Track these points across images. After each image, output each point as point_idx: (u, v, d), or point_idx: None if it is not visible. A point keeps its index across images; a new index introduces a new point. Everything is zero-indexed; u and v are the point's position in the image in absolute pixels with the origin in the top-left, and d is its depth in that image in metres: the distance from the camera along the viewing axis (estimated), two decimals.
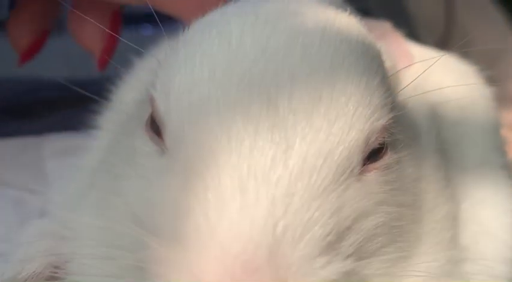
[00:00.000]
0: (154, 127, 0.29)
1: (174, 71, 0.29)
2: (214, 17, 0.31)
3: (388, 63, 0.34)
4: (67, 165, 0.41)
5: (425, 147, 0.35)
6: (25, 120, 0.50)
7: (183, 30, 0.40)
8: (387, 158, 0.29)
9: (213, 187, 0.25)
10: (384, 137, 0.29)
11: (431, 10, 0.95)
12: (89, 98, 0.41)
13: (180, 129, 0.27)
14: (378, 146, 0.29)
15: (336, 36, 0.29)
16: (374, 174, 0.29)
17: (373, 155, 0.29)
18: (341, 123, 0.27)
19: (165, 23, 0.46)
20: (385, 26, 0.39)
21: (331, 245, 0.26)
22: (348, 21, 0.32)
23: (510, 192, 0.38)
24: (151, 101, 0.29)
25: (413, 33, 0.85)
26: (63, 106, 0.43)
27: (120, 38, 0.45)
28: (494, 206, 0.37)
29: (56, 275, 0.32)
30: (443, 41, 0.92)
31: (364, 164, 0.28)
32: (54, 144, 0.44)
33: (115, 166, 0.32)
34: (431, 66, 0.34)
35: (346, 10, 0.38)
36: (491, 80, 0.42)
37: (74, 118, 0.41)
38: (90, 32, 0.43)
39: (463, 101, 0.39)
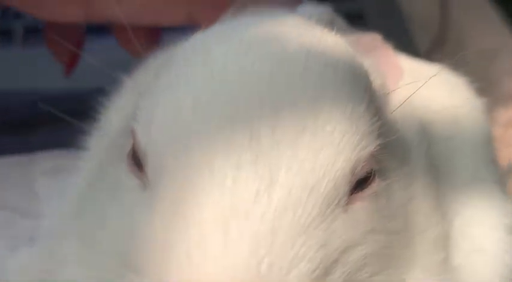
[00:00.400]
0: (137, 160, 0.28)
1: (155, 102, 0.28)
2: (198, 42, 0.30)
3: (376, 81, 0.34)
4: (58, 184, 0.41)
5: (415, 164, 0.34)
6: (16, 136, 0.50)
7: (165, 53, 0.40)
8: (375, 186, 0.29)
9: (195, 224, 0.24)
10: (371, 165, 0.28)
11: (426, 10, 0.94)
12: (84, 112, 0.41)
13: (162, 163, 0.26)
14: (365, 174, 0.28)
15: (320, 62, 0.29)
16: (361, 203, 0.28)
17: (360, 184, 0.28)
18: (326, 153, 0.26)
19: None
20: (375, 39, 0.39)
21: (319, 279, 0.25)
22: (333, 43, 0.31)
23: (503, 207, 0.38)
24: (133, 133, 0.29)
25: (408, 34, 0.85)
26: (56, 121, 0.42)
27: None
28: (486, 222, 0.37)
29: None
30: (439, 41, 0.91)
31: (351, 194, 0.27)
32: (45, 162, 0.44)
33: (99, 197, 0.31)
34: (424, 83, 0.33)
35: (333, 28, 0.38)
36: (483, 90, 0.41)
37: (67, 134, 0.41)
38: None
39: (454, 115, 0.38)
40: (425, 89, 0.36)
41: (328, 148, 0.26)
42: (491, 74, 0.93)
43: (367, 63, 0.34)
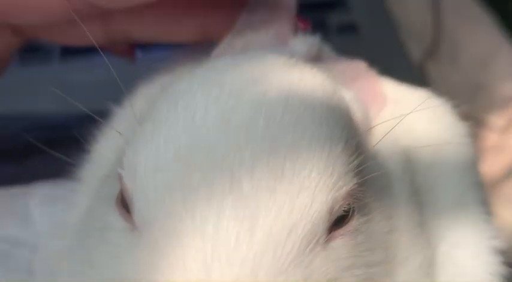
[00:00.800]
0: (124, 203, 0.30)
1: (139, 150, 0.29)
2: (181, 87, 0.31)
3: (358, 116, 0.35)
4: (54, 214, 0.41)
5: (397, 196, 0.35)
6: (12, 164, 0.51)
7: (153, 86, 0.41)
8: (354, 223, 0.30)
9: (179, 270, 0.25)
10: (349, 203, 0.29)
11: (418, 19, 0.95)
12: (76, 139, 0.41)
13: (147, 209, 0.28)
14: (344, 212, 0.29)
15: (298, 104, 0.30)
16: (341, 239, 0.29)
17: (339, 221, 0.29)
18: (303, 197, 0.27)
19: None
20: (359, 67, 0.40)
21: None
22: (313, 83, 0.32)
23: (488, 230, 0.38)
24: (120, 178, 0.30)
25: (401, 44, 0.85)
26: (53, 147, 0.43)
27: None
28: (471, 245, 0.37)
29: None
30: (431, 49, 0.92)
31: (330, 232, 0.29)
32: (41, 192, 0.44)
33: (89, 238, 0.32)
34: (404, 116, 0.34)
35: (318, 60, 0.39)
36: (467, 114, 0.42)
37: (60, 163, 0.41)
38: None
39: (436, 141, 0.39)
40: (408, 117, 0.37)
41: (305, 192, 0.27)
42: (486, 80, 0.94)
43: (349, 96, 0.35)
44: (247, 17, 0.41)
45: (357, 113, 0.35)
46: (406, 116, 0.39)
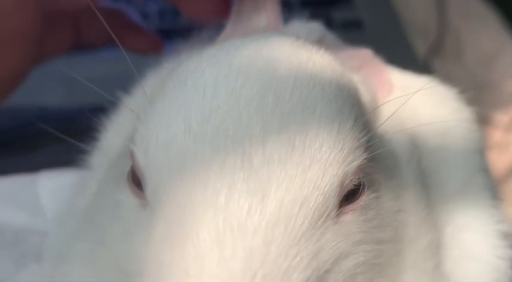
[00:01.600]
0: (136, 180, 0.30)
1: (151, 126, 0.29)
2: (190, 66, 0.32)
3: (366, 97, 0.35)
4: (63, 201, 0.42)
5: (405, 177, 0.35)
6: (20, 154, 0.51)
7: (162, 71, 0.41)
8: (364, 198, 0.30)
9: (192, 242, 0.26)
10: (359, 178, 0.30)
11: (423, 16, 0.95)
12: (84, 130, 0.42)
13: (159, 184, 0.28)
14: (354, 187, 0.29)
15: (308, 82, 0.30)
16: (351, 215, 0.29)
17: (350, 196, 0.29)
18: (315, 170, 0.28)
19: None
20: (365, 54, 0.40)
21: None
22: (321, 62, 0.32)
23: (495, 214, 0.39)
24: (132, 155, 0.30)
25: (406, 40, 0.85)
26: (59, 140, 0.43)
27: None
28: (478, 229, 0.37)
29: None
30: (437, 46, 0.92)
31: (341, 206, 0.29)
32: (49, 180, 0.45)
33: (100, 217, 0.33)
34: (410, 96, 0.34)
35: (322, 45, 0.39)
36: (482, 93, 0.42)
37: (69, 152, 0.42)
38: None
39: (443, 126, 0.39)
40: (414, 102, 0.38)
41: (316, 164, 0.28)
42: (491, 77, 0.94)
43: (357, 79, 0.36)
44: (239, 6, 0.42)
45: (365, 95, 0.35)
46: (412, 96, 0.39)
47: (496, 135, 0.91)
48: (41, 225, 0.43)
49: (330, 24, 0.85)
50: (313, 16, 0.84)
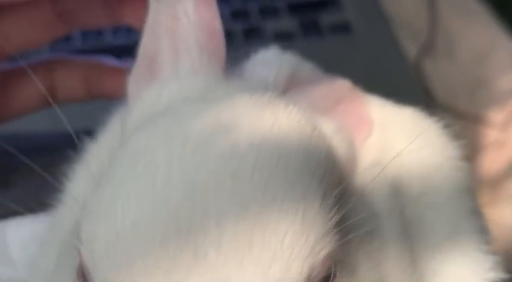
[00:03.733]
0: (84, 277, 0.28)
1: (96, 222, 0.27)
2: (141, 142, 0.29)
3: (341, 149, 0.33)
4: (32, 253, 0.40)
5: (386, 236, 0.33)
6: None
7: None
8: None
9: None
10: (329, 264, 0.27)
11: (413, 16, 0.93)
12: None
13: None
14: (324, 273, 0.27)
15: (270, 158, 0.27)
16: None
17: None
18: (276, 269, 0.25)
19: None
20: (342, 87, 0.37)
21: None
22: (287, 126, 0.30)
23: (484, 261, 0.36)
24: (78, 252, 0.28)
25: (396, 42, 0.83)
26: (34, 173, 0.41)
27: None
28: (466, 279, 0.36)
29: None
30: (428, 45, 0.90)
31: None
32: (19, 229, 0.43)
33: None
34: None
35: (297, 80, 0.37)
36: (460, 133, 0.40)
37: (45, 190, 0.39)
38: None
39: (426, 168, 0.37)
40: (395, 143, 0.35)
41: (277, 263, 0.25)
42: (485, 74, 0.92)
43: (331, 128, 0.33)
44: None
45: (340, 149, 0.33)
46: (393, 135, 0.37)
47: (492, 134, 0.90)
48: (11, 273, 0.41)
49: (318, 28, 0.83)
50: (302, 20, 0.83)
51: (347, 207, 0.28)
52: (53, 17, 0.43)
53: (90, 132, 0.41)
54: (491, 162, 0.88)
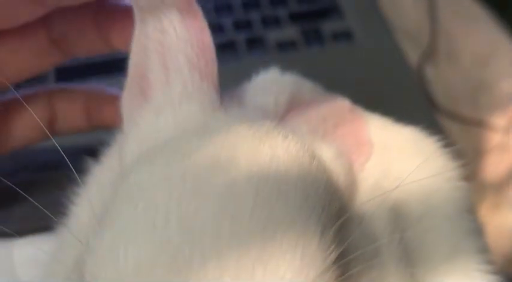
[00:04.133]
0: None
1: (99, 262, 0.28)
2: (140, 181, 0.30)
3: (341, 176, 0.33)
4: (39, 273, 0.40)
5: (386, 262, 0.33)
6: None
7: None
8: None
9: None
10: None
11: (415, 22, 0.93)
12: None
13: None
14: None
15: (269, 196, 0.28)
16: None
17: None
18: None
19: None
20: (342, 108, 0.38)
21: None
22: (286, 162, 0.30)
23: (486, 280, 0.37)
24: None
25: (398, 48, 0.84)
26: (43, 189, 0.42)
27: None
28: None
29: None
30: (429, 51, 0.90)
31: None
32: (26, 251, 0.43)
33: None
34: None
35: (297, 101, 0.37)
36: (461, 153, 0.40)
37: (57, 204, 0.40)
38: None
39: (426, 190, 0.37)
40: (394, 166, 0.36)
41: None
42: (487, 78, 0.92)
43: (330, 154, 0.34)
44: None
45: (340, 175, 0.33)
46: (393, 157, 0.37)
47: (495, 138, 0.90)
48: None
49: (320, 36, 0.83)
50: (304, 29, 0.84)
51: (347, 242, 0.29)
52: (48, 45, 0.43)
53: (93, 151, 0.41)
54: (495, 166, 0.88)
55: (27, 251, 0.43)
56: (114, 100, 0.46)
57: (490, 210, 0.85)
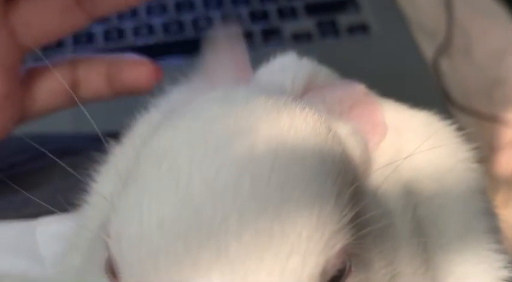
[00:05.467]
0: (113, 270, 0.29)
1: (123, 219, 0.29)
2: (165, 143, 0.31)
3: (356, 151, 0.34)
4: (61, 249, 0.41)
5: (399, 235, 0.34)
6: (19, 193, 0.51)
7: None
8: (351, 279, 0.29)
9: None
10: (343, 260, 0.28)
11: (431, 16, 0.93)
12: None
13: (134, 280, 0.27)
14: (338, 273, 0.28)
15: (287, 160, 0.29)
16: None
17: (335, 279, 0.28)
18: (294, 262, 0.26)
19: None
20: (357, 92, 0.38)
21: None
22: (303, 130, 0.31)
23: (497, 260, 0.37)
24: (107, 246, 0.29)
25: (414, 42, 0.84)
26: (62, 174, 0.43)
27: None
28: (480, 277, 0.37)
29: None
30: (445, 45, 0.91)
31: None
32: (48, 229, 0.44)
33: None
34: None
35: (313, 85, 0.38)
36: (473, 136, 0.41)
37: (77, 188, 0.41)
38: None
39: (439, 170, 0.38)
40: (408, 146, 0.36)
41: (295, 256, 0.26)
42: (502, 74, 0.92)
43: (346, 130, 0.34)
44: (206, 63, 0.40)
45: (355, 150, 0.34)
46: (407, 139, 0.38)
47: (509, 134, 0.90)
48: (42, 273, 0.42)
49: (336, 29, 0.84)
50: (319, 21, 0.84)
51: (361, 205, 0.30)
52: (72, 4, 0.43)
53: (115, 135, 0.42)
54: (508, 161, 0.89)
55: (50, 228, 0.44)
56: (135, 64, 0.47)
57: (502, 205, 0.86)
